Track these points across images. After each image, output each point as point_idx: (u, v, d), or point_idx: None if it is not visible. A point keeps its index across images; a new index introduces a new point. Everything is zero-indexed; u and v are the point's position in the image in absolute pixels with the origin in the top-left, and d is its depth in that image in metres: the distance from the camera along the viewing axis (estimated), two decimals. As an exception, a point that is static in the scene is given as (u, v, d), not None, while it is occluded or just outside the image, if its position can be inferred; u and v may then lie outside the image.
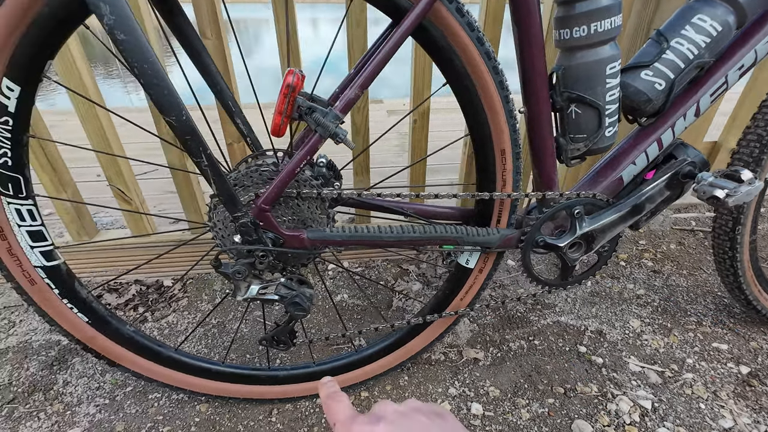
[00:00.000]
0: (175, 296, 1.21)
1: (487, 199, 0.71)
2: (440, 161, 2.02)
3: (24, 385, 0.94)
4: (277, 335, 0.74)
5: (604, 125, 0.67)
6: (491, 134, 0.67)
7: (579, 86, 0.64)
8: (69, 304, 0.69)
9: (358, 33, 0.99)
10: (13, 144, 0.56)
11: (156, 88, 0.47)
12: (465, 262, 0.80)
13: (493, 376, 0.95)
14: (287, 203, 0.64)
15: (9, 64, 0.52)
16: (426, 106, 1.14)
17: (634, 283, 1.23)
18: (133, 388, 0.93)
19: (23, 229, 0.62)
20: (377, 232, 0.66)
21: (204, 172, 0.53)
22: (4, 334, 1.08)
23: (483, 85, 0.63)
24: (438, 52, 0.61)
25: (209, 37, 0.94)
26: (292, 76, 0.52)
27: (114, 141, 1.05)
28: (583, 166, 1.26)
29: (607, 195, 0.74)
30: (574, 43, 0.62)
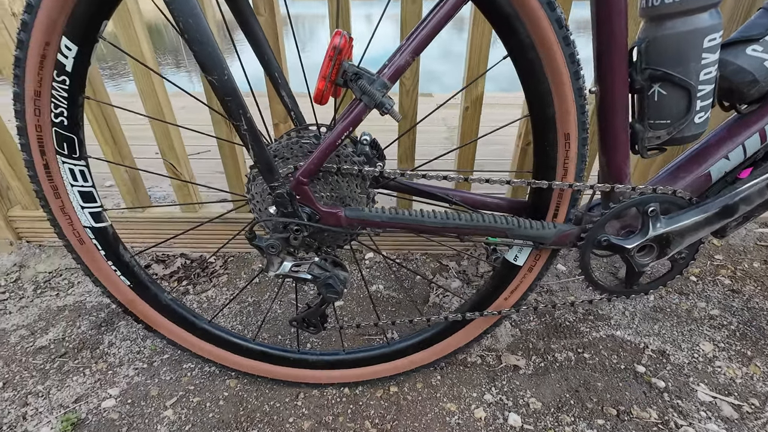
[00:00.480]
0: (216, 272, 1.24)
1: (544, 189, 0.64)
2: (487, 156, 1.92)
3: (75, 342, 0.99)
4: (308, 317, 0.72)
5: (693, 109, 0.57)
6: (555, 115, 0.60)
7: (666, 62, 0.55)
8: (113, 266, 0.71)
9: (413, 9, 0.94)
10: (69, 104, 0.58)
11: (200, 45, 0.46)
12: (513, 259, 0.72)
13: (535, 387, 0.87)
14: (326, 179, 0.61)
15: (68, 23, 0.53)
16: (479, 93, 1.07)
17: (707, 301, 1.08)
18: (169, 355, 0.95)
19: (75, 189, 0.64)
20: (419, 217, 0.61)
21: (243, 137, 0.51)
22: (63, 293, 1.15)
23: (550, 57, 0.56)
24: (500, 20, 0.55)
25: (263, 13, 0.93)
26: (340, 37, 0.49)
27: (169, 116, 1.08)
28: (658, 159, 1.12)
29: (689, 193, 0.63)
30: (665, 10, 0.53)
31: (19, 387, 0.88)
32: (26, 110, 0.57)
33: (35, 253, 1.28)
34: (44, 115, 0.57)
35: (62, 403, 0.85)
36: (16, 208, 1.26)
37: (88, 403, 0.85)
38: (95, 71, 0.99)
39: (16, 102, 0.56)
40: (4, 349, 0.98)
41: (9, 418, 0.82)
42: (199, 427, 0.80)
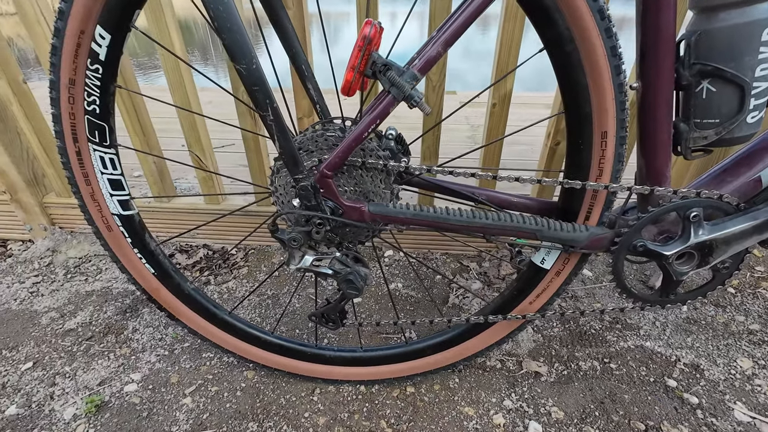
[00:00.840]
0: (237, 264, 1.25)
1: (577, 190, 0.61)
2: (511, 156, 1.88)
3: (101, 326, 1.02)
4: (328, 313, 0.71)
5: (746, 108, 0.53)
6: (592, 112, 0.57)
7: (718, 57, 0.51)
8: (139, 254, 0.73)
9: (442, 4, 0.92)
10: (101, 92, 0.59)
11: (229, 33, 0.45)
12: (540, 262, 0.70)
13: (557, 396, 0.84)
14: (350, 173, 0.60)
15: (102, 12, 0.53)
16: (507, 90, 1.04)
17: (746, 315, 1.02)
18: (189, 344, 0.97)
19: (105, 177, 0.65)
20: (444, 214, 0.59)
21: (269, 127, 0.51)
22: (92, 278, 1.19)
23: (589, 50, 0.53)
24: (538, 11, 0.52)
25: (290, 7, 0.93)
26: (370, 27, 0.47)
27: (196, 108, 1.09)
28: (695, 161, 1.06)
29: (736, 198, 0.59)
30: (719, 1, 0.49)
31: (48, 367, 0.92)
32: (61, 98, 0.58)
33: (67, 238, 1.32)
34: (78, 103, 0.59)
35: (87, 385, 0.87)
36: (51, 194, 1.31)
37: (111, 387, 0.87)
38: (126, 62, 1.01)
39: (52, 90, 0.58)
40: (35, 329, 1.02)
41: (38, 396, 0.85)
42: (217, 416, 0.81)
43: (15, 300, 1.11)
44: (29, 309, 1.08)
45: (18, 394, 0.86)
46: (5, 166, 1.20)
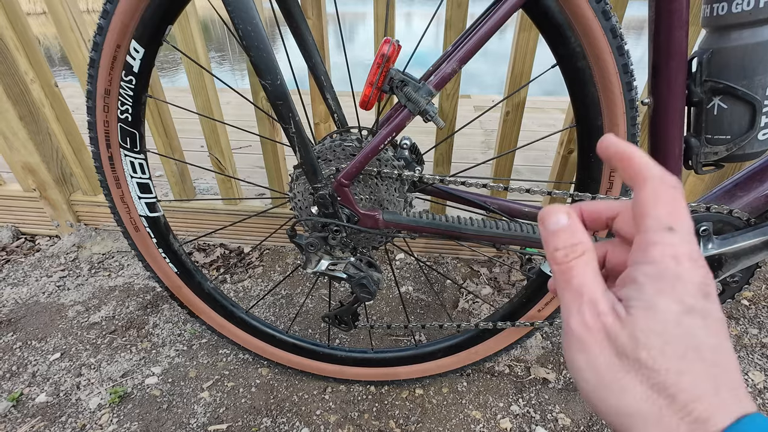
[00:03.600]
0: (253, 263, 1.29)
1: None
2: (523, 162, 1.88)
3: (123, 321, 1.07)
4: (341, 315, 0.73)
5: (757, 125, 0.53)
6: (603, 126, 0.58)
7: (730, 74, 0.52)
8: (163, 253, 0.76)
9: (458, 15, 0.94)
10: (134, 102, 0.62)
11: (256, 50, 0.48)
12: (550, 271, 0.71)
13: (564, 402, 0.85)
14: (366, 182, 0.62)
15: (138, 27, 0.57)
16: (521, 98, 1.05)
17: (760, 328, 1.01)
18: (207, 340, 1.00)
19: (134, 181, 0.69)
20: (456, 223, 0.61)
21: (291, 139, 0.53)
22: (114, 274, 1.24)
23: (602, 67, 0.54)
24: (551, 28, 0.54)
25: (310, 16, 0.96)
26: (388, 45, 0.50)
27: (217, 113, 1.13)
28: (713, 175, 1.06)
29: (747, 213, 0.60)
30: (732, 20, 0.50)
31: (75, 358, 0.96)
32: (97, 106, 0.62)
33: (91, 235, 1.38)
34: (112, 112, 0.62)
35: (111, 377, 0.92)
36: (78, 192, 1.37)
37: (133, 379, 0.91)
38: (155, 72, 1.06)
39: (89, 99, 0.62)
40: (63, 322, 1.07)
41: (65, 386, 0.90)
42: (232, 410, 0.84)
43: (43, 293, 1.17)
44: (56, 302, 1.14)
45: (47, 383, 0.90)
46: (36, 166, 1.26)
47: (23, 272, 1.24)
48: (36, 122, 1.21)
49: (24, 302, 1.13)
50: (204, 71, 1.03)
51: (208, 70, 0.95)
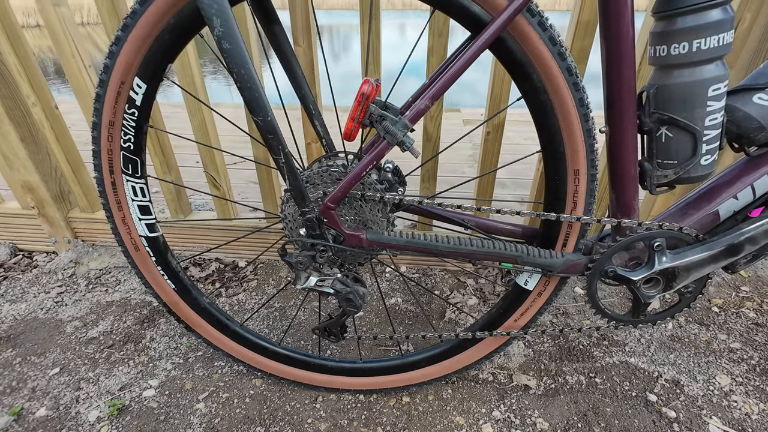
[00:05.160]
0: (247, 277, 1.33)
1: (555, 220, 0.68)
2: (510, 175, 1.95)
3: (121, 335, 1.10)
4: (330, 327, 0.78)
5: (699, 152, 0.60)
6: (565, 153, 0.64)
7: (673, 107, 0.59)
8: (161, 271, 0.81)
9: (439, 43, 1.01)
10: (136, 132, 0.68)
11: (249, 91, 0.54)
12: (524, 283, 0.76)
13: (543, 408, 0.90)
14: (351, 204, 0.67)
15: (140, 65, 0.62)
16: (501, 119, 1.12)
17: (728, 334, 1.07)
18: (203, 353, 1.04)
19: (135, 204, 0.74)
20: (433, 241, 0.67)
21: (280, 168, 0.59)
22: (112, 289, 1.28)
23: (560, 101, 0.60)
24: (515, 66, 0.60)
25: (301, 44, 1.02)
26: (367, 85, 0.56)
27: (212, 133, 1.19)
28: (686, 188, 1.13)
29: (696, 230, 0.66)
30: (672, 61, 0.57)
31: (74, 373, 1.00)
32: (101, 137, 0.67)
33: (88, 251, 1.42)
34: (115, 141, 0.67)
35: (109, 390, 0.95)
36: (76, 209, 1.40)
37: (131, 392, 0.94)
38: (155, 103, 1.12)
39: (94, 130, 0.67)
40: (61, 337, 1.10)
41: (65, 399, 0.93)
42: (227, 420, 0.88)
43: (41, 309, 1.20)
44: (55, 318, 1.17)
45: (47, 397, 0.93)
46: (35, 184, 1.30)
47: (21, 289, 1.27)
48: (36, 143, 1.26)
49: (23, 318, 1.16)
50: (198, 90, 1.08)
51: (206, 104, 1.01)
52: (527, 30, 0.56)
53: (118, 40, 0.60)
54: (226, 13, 0.51)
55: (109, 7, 0.98)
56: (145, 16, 0.58)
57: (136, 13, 0.58)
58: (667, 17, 0.56)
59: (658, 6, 0.56)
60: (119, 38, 0.60)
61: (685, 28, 0.54)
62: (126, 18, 0.59)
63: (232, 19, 0.52)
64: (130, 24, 0.59)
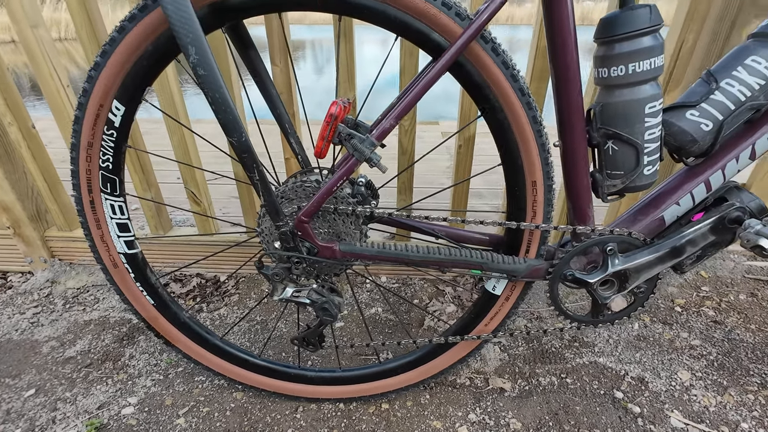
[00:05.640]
0: (229, 292, 1.34)
1: (517, 228, 0.73)
2: (485, 185, 2.02)
3: (99, 354, 1.10)
4: (308, 337, 0.80)
5: (642, 163, 0.66)
6: (523, 165, 0.69)
7: (616, 123, 0.65)
8: (140, 287, 0.82)
9: (410, 62, 1.06)
10: (114, 152, 0.70)
11: (224, 113, 0.57)
12: (492, 289, 0.81)
13: (517, 409, 0.93)
14: (325, 217, 0.71)
15: (119, 89, 0.65)
16: (472, 133, 1.18)
17: (689, 332, 1.14)
18: (183, 368, 1.04)
19: (114, 221, 0.76)
20: (404, 251, 0.70)
21: (255, 185, 0.62)
22: (90, 308, 1.27)
23: (516, 119, 0.65)
24: (473, 88, 0.65)
25: (278, 64, 1.07)
26: (335, 107, 0.60)
27: (192, 150, 1.21)
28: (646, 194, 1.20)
29: (645, 234, 0.71)
30: (612, 81, 0.63)
31: (50, 393, 0.98)
32: (80, 157, 0.69)
33: (66, 270, 1.40)
34: (94, 161, 0.69)
35: (87, 409, 0.94)
36: (53, 228, 1.39)
37: (109, 410, 0.94)
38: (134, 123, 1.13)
39: (73, 151, 0.69)
40: (37, 358, 1.09)
41: (41, 421, 0.92)
42: (208, 434, 0.88)
43: (16, 330, 1.18)
44: (30, 339, 1.15)
45: (22, 419, 0.92)
46: (11, 204, 1.29)
47: (-5, 310, 1.25)
48: (12, 162, 1.25)
49: (-4, 340, 1.14)
50: (179, 109, 1.11)
51: (186, 126, 1.04)
52: (482, 55, 0.62)
53: (97, 65, 0.63)
54: (200, 41, 0.55)
55: (89, 31, 1.00)
56: (123, 43, 0.61)
57: (115, 41, 0.61)
58: (607, 43, 0.62)
59: (599, 33, 0.63)
60: (98, 63, 0.63)
61: (622, 53, 0.60)
62: (105, 45, 0.62)
63: (206, 46, 0.55)
64: (109, 50, 0.62)
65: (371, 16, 0.60)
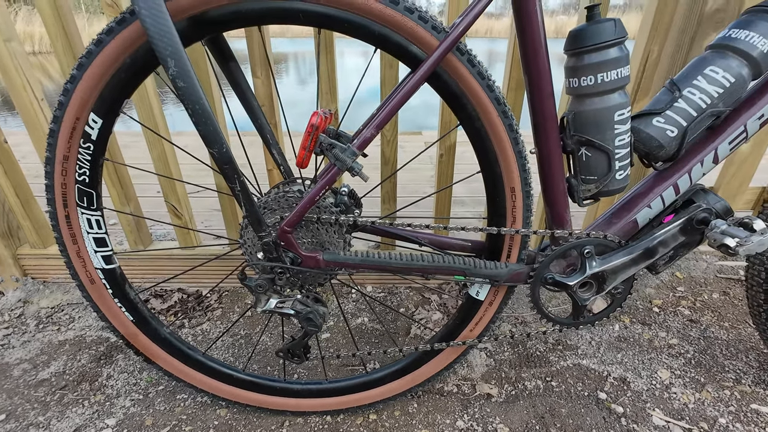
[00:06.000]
0: (211, 306, 1.31)
1: (497, 234, 0.74)
2: (468, 193, 2.05)
3: (75, 375, 1.05)
4: (293, 348, 0.79)
5: (614, 168, 0.68)
6: (501, 173, 0.71)
7: (588, 130, 0.67)
8: (119, 303, 0.80)
9: (390, 74, 1.08)
10: (91, 165, 0.69)
11: (204, 125, 0.57)
12: (475, 294, 0.82)
13: (504, 414, 0.94)
14: (308, 227, 0.71)
15: (96, 102, 0.64)
16: (453, 142, 1.20)
17: (667, 331, 1.17)
18: (164, 387, 1.01)
19: (90, 236, 0.74)
20: (387, 259, 0.71)
21: (236, 196, 0.62)
22: (65, 328, 1.22)
23: (493, 127, 0.67)
24: (451, 98, 0.67)
25: (259, 76, 1.07)
26: (316, 117, 0.60)
27: (173, 163, 1.19)
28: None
29: (620, 236, 0.74)
30: (582, 91, 0.65)
31: (21, 418, 0.94)
32: (55, 171, 0.67)
33: (39, 288, 1.35)
34: (70, 175, 0.68)
35: (62, 433, 0.90)
36: (25, 246, 1.35)
37: (86, 433, 0.90)
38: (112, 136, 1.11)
39: (47, 165, 0.67)
40: (7, 382, 1.04)
41: (11, 447, 0.87)
42: (190, 454, 0.86)
43: (-15, 353, 1.13)
44: (0, 362, 1.10)
45: (-9, 446, 0.88)
46: (-19, 221, 1.24)
47: (-38, 333, 1.19)
48: (-18, 178, 1.21)
49: (-37, 365, 1.08)
50: (159, 122, 1.10)
51: (166, 139, 1.03)
52: (458, 66, 0.64)
53: (73, 78, 0.62)
54: (179, 54, 0.55)
55: (65, 44, 0.99)
56: (100, 56, 0.61)
57: (92, 53, 0.61)
58: (576, 54, 0.65)
59: (569, 45, 0.66)
60: (74, 76, 0.62)
61: (591, 64, 0.63)
62: (81, 57, 0.61)
63: (185, 59, 0.55)
64: (86, 63, 0.61)
65: (351, 29, 0.61)
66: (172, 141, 1.04)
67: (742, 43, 0.63)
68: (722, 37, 0.66)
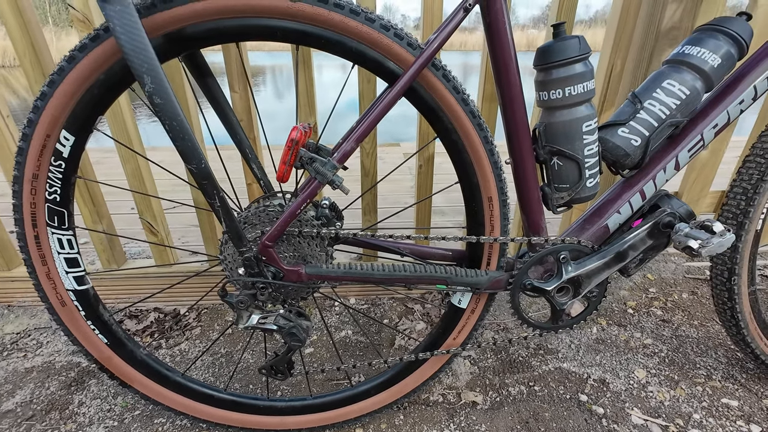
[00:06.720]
0: (190, 325, 1.27)
1: (476, 242, 0.76)
2: (447, 203, 2.08)
3: (43, 403, 1.00)
4: (276, 365, 0.78)
5: (584, 177, 0.72)
6: (478, 183, 0.73)
7: (559, 141, 0.70)
8: (92, 325, 0.77)
9: (368, 88, 1.10)
10: (63, 183, 0.67)
11: (182, 141, 0.57)
12: (458, 302, 0.83)
13: (490, 421, 0.94)
14: (290, 240, 0.71)
15: (68, 119, 0.63)
16: (431, 153, 1.22)
17: (642, 331, 1.21)
18: (141, 411, 0.97)
19: (62, 257, 0.71)
20: (369, 270, 0.71)
21: (216, 211, 0.61)
22: (32, 354, 1.16)
23: (469, 139, 0.70)
24: (428, 111, 0.69)
25: (237, 90, 1.07)
26: (296, 132, 0.61)
27: (148, 179, 1.17)
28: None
29: (593, 242, 0.77)
30: (552, 104, 0.69)
31: (-16, 453, 0.88)
32: (23, 190, 0.65)
33: (3, 313, 1.28)
34: (39, 194, 0.66)
35: (29, 467, 0.85)
36: (-12, 269, 1.28)
37: (56, 465, 0.85)
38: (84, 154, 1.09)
39: (15, 184, 0.65)
40: (-32, 415, 0.97)
41: (-28, 486, 0.82)
42: (170, 481, 0.82)
43: (-57, 385, 1.06)
44: (-40, 393, 1.03)
45: (-51, 486, 0.82)
46: (-61, 244, 1.18)
47: None
48: (-59, 199, 1.15)
49: None
50: (132, 135, 1.08)
51: (141, 154, 1.01)
52: (434, 81, 0.66)
53: (43, 95, 0.61)
54: (155, 70, 0.55)
55: (33, 59, 0.97)
56: (72, 73, 0.59)
57: (64, 70, 0.59)
58: (545, 69, 0.68)
59: (537, 60, 0.69)
60: (45, 93, 0.61)
61: (558, 78, 0.67)
62: (53, 74, 0.60)
63: (162, 75, 0.55)
64: (57, 80, 0.60)
65: (329, 46, 0.62)
66: (147, 156, 1.03)
67: (694, 58, 0.67)
68: (677, 53, 0.70)
